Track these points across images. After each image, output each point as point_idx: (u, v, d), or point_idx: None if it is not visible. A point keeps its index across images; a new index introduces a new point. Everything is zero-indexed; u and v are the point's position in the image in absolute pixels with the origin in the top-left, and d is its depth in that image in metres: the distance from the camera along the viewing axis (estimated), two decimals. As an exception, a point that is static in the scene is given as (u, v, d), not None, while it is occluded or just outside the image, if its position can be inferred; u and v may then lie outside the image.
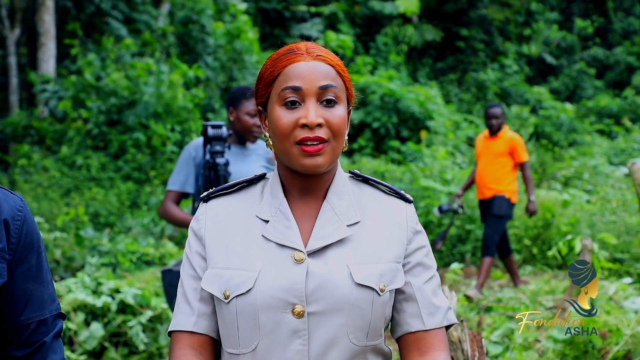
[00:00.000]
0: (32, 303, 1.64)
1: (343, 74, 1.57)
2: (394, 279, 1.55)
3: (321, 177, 1.59)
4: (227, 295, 1.52)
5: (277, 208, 1.58)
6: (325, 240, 1.54)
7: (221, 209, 1.64)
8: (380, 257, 1.55)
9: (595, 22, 22.57)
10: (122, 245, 7.01)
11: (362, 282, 1.50)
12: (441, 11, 20.08)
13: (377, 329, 1.54)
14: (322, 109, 1.52)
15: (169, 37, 13.20)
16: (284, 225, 1.56)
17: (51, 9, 12.12)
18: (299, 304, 1.49)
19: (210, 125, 3.65)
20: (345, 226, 1.56)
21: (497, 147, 6.78)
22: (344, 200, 1.60)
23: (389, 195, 1.66)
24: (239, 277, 1.52)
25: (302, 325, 1.49)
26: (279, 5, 18.43)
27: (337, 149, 1.54)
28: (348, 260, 1.53)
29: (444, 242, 7.17)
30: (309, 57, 1.55)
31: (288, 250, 1.53)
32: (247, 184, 1.67)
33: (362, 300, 1.50)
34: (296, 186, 1.60)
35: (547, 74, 21.51)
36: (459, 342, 2.72)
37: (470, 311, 5.68)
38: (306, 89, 1.52)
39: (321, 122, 1.50)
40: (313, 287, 1.49)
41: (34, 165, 10.48)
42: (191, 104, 10.99)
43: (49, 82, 11.63)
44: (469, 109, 17.46)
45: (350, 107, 1.62)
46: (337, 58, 1.59)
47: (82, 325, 4.85)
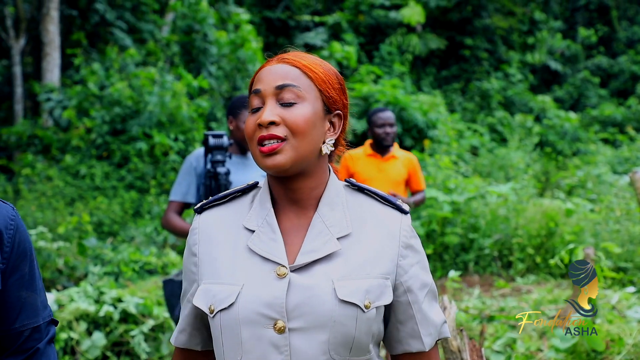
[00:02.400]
0: (26, 310, 1.67)
1: (312, 75, 1.55)
2: (381, 296, 1.52)
3: (307, 183, 1.57)
4: (212, 309, 1.52)
5: (263, 218, 1.57)
6: (313, 255, 1.52)
7: (213, 220, 1.63)
8: (369, 272, 1.52)
9: (599, 30, 22.57)
10: (124, 254, 7.01)
11: (346, 299, 1.47)
12: (445, 20, 20.12)
13: (361, 346, 1.51)
14: (279, 108, 1.52)
15: (172, 46, 13.25)
16: (270, 238, 1.54)
17: (56, 19, 12.18)
18: (280, 320, 1.47)
19: (211, 135, 3.68)
20: (335, 239, 1.53)
21: (393, 171, 5.02)
22: (336, 212, 1.58)
23: (384, 205, 1.63)
24: (224, 291, 1.52)
25: (283, 341, 1.47)
26: (283, 14, 18.49)
27: (301, 147, 1.51)
28: (334, 275, 1.50)
29: None
30: (275, 61, 1.57)
31: (271, 265, 1.51)
32: (240, 193, 1.66)
33: (346, 316, 1.47)
34: (283, 194, 1.59)
35: (551, 83, 21.51)
36: (459, 352, 2.72)
37: (473, 320, 5.67)
38: (264, 90, 1.54)
39: (275, 120, 1.50)
40: (295, 302, 1.48)
41: (38, 174, 10.51)
42: (195, 114, 11.02)
43: (53, 92, 11.68)
44: (473, 118, 17.46)
45: (336, 112, 1.60)
46: (313, 61, 1.58)
47: (84, 335, 4.86)
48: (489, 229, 8.32)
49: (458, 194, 8.68)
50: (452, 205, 8.43)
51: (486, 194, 9.04)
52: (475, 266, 8.10)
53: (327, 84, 1.57)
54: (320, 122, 1.55)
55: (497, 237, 8.08)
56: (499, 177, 12.00)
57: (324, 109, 1.57)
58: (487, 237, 8.24)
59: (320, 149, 1.56)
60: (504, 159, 12.85)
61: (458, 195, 8.59)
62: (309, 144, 1.52)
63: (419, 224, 8.38)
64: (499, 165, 12.67)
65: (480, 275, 7.89)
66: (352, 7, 18.85)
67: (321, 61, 1.60)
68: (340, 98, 1.61)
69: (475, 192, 8.84)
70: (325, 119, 1.58)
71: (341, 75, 1.65)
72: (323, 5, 20.08)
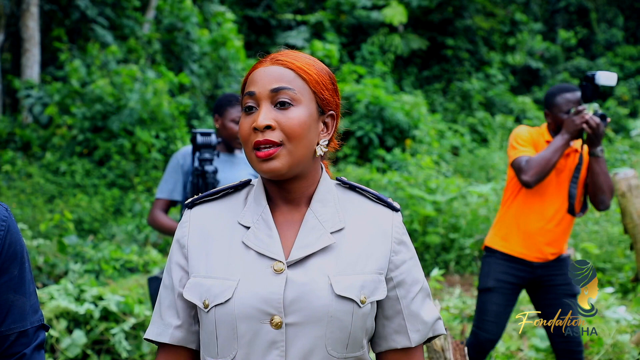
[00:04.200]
0: (13, 314, 1.62)
1: (306, 77, 1.55)
2: (375, 291, 1.54)
3: (302, 183, 1.58)
4: (206, 304, 1.52)
5: (259, 215, 1.57)
6: (307, 250, 1.52)
7: (205, 215, 1.63)
8: (362, 268, 1.54)
9: (578, 33, 22.76)
10: (105, 252, 6.97)
11: (342, 294, 1.49)
12: (427, 20, 20.19)
13: (357, 341, 1.53)
14: (275, 111, 1.51)
15: (154, 43, 13.18)
16: (266, 234, 1.54)
17: (35, 15, 12.07)
18: (277, 315, 1.48)
19: (200, 133, 3.67)
20: (329, 234, 1.55)
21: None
22: (329, 208, 1.58)
23: (375, 203, 1.64)
24: (219, 286, 1.52)
25: (279, 336, 1.48)
26: (265, 13, 18.46)
27: (297, 152, 1.51)
28: (329, 270, 1.51)
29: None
30: (268, 62, 1.56)
31: (268, 260, 1.52)
32: (232, 190, 1.66)
33: (342, 312, 1.49)
34: (278, 193, 1.59)
35: (531, 84, 21.66)
36: (442, 351, 2.73)
37: (454, 320, 5.70)
38: (259, 93, 1.53)
39: (271, 124, 1.49)
40: (292, 298, 1.48)
41: (18, 171, 10.41)
42: (176, 112, 10.97)
43: (33, 88, 11.57)
44: (454, 118, 17.54)
45: (330, 112, 1.61)
46: (306, 62, 1.57)
47: (64, 333, 4.83)
48: (469, 229, 8.37)
49: (440, 194, 8.73)
50: (433, 205, 8.47)
51: (467, 194, 9.09)
52: (456, 266, 8.15)
53: (321, 85, 1.57)
54: (315, 124, 1.56)
55: (478, 237, 8.13)
56: (479, 178, 12.06)
57: (318, 110, 1.57)
58: (468, 237, 8.29)
59: (315, 151, 1.57)
60: (484, 159, 12.93)
61: (440, 195, 8.63)
62: (304, 148, 1.53)
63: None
64: (479, 166, 12.74)
65: (460, 275, 7.94)
66: (334, 6, 18.85)
67: (314, 61, 1.60)
68: (334, 98, 1.62)
69: (456, 192, 8.89)
70: (319, 120, 1.58)
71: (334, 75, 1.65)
72: (305, 4, 20.07)
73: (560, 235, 3.75)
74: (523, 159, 3.64)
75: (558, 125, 3.71)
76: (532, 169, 3.58)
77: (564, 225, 3.75)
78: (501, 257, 3.78)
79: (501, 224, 3.85)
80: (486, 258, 3.86)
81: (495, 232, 3.85)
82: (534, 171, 3.57)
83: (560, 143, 3.60)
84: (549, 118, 3.76)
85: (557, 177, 3.73)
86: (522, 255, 3.74)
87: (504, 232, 3.80)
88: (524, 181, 3.61)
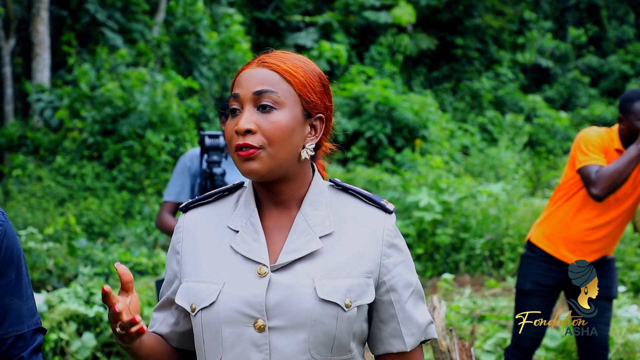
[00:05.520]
0: (10, 317, 1.63)
1: (292, 80, 1.53)
2: (362, 295, 1.52)
3: (289, 186, 1.57)
4: (193, 308, 1.53)
5: (247, 219, 1.57)
6: (294, 255, 1.52)
7: (198, 219, 1.64)
8: (350, 271, 1.52)
9: (589, 30, 22.65)
10: (115, 254, 6.99)
11: (326, 298, 1.48)
12: (436, 20, 20.15)
13: (343, 345, 1.51)
14: (257, 114, 1.51)
15: (163, 47, 13.22)
16: (252, 238, 1.54)
17: (46, 19, 12.13)
18: (260, 318, 1.48)
19: (208, 135, 3.67)
20: (318, 238, 1.54)
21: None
22: (319, 211, 1.58)
23: (368, 205, 1.62)
24: (205, 289, 1.52)
25: (263, 339, 1.48)
26: (274, 15, 18.47)
27: (278, 155, 1.51)
28: (315, 274, 1.50)
29: None
30: (255, 65, 1.56)
31: (253, 264, 1.52)
32: (226, 193, 1.67)
33: (326, 315, 1.48)
34: (267, 196, 1.59)
35: (542, 83, 21.58)
36: (448, 352, 2.72)
37: (464, 320, 5.68)
38: (242, 96, 1.53)
39: (251, 128, 1.49)
40: (275, 301, 1.48)
41: (29, 175, 10.47)
42: (185, 114, 11.00)
43: (45, 92, 11.63)
44: (464, 118, 17.49)
45: (318, 115, 1.58)
46: (293, 64, 1.56)
47: (74, 336, 4.85)
48: (479, 229, 8.34)
49: (449, 194, 8.70)
50: (443, 205, 8.44)
51: (477, 193, 9.06)
52: (466, 266, 8.12)
53: (308, 87, 1.55)
54: (300, 127, 1.54)
55: (488, 237, 8.10)
56: (489, 177, 12.02)
57: (304, 114, 1.55)
58: (478, 237, 8.26)
59: (300, 154, 1.56)
60: (494, 158, 12.88)
61: (449, 196, 8.61)
62: (286, 151, 1.52)
63: (410, 224, 8.39)
64: (489, 165, 12.70)
65: (471, 275, 7.91)
66: (343, 7, 18.85)
67: (304, 62, 1.58)
68: (322, 101, 1.59)
69: (466, 192, 8.85)
70: (306, 124, 1.56)
71: (326, 75, 1.63)
72: (313, 5, 20.07)
73: (609, 243, 3.57)
74: (593, 169, 3.36)
75: (632, 133, 3.40)
76: (602, 182, 3.31)
77: (616, 233, 3.57)
78: (542, 257, 3.60)
79: (548, 222, 3.64)
80: (527, 257, 3.68)
81: (541, 230, 3.64)
82: (605, 185, 3.30)
83: (635, 153, 3.31)
84: (623, 124, 3.45)
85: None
86: (564, 258, 3.55)
87: (550, 232, 3.60)
88: (593, 194, 3.36)
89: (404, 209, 8.77)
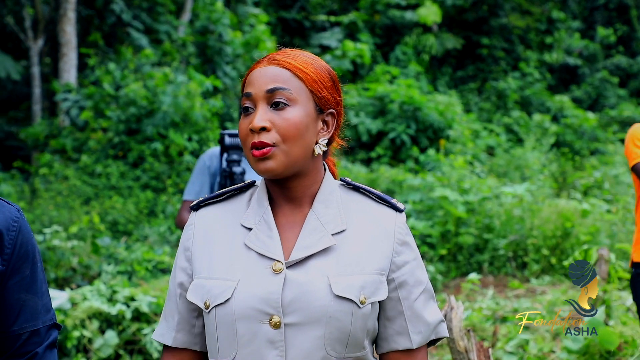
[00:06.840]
0: (25, 313, 1.65)
1: (303, 76, 1.55)
2: (376, 291, 1.53)
3: (302, 182, 1.58)
4: (207, 304, 1.53)
5: (261, 216, 1.58)
6: (307, 251, 1.52)
7: (209, 217, 1.64)
8: (363, 268, 1.53)
9: (618, 30, 22.37)
10: (138, 253, 7.04)
11: (341, 294, 1.48)
12: (462, 20, 20.05)
13: (357, 341, 1.52)
14: (271, 112, 1.52)
15: (188, 46, 13.30)
16: (266, 235, 1.55)
17: (73, 19, 12.26)
18: (275, 315, 1.48)
19: (227, 134, 3.66)
20: (330, 235, 1.54)
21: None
22: (331, 209, 1.58)
23: (379, 204, 1.63)
24: (219, 286, 1.52)
25: (278, 336, 1.48)
26: (299, 15, 18.50)
27: (293, 152, 1.51)
28: (329, 270, 1.51)
29: None
30: (265, 63, 1.57)
31: (267, 261, 1.52)
32: (237, 191, 1.67)
33: (341, 312, 1.48)
34: (279, 193, 1.60)
35: (569, 83, 21.36)
36: (466, 352, 2.70)
37: (486, 321, 5.64)
38: (255, 94, 1.53)
39: (266, 126, 1.50)
40: (291, 298, 1.49)
41: (55, 174, 10.59)
42: (209, 114, 11.05)
43: (72, 92, 11.76)
44: (489, 118, 17.37)
45: (329, 110, 1.59)
46: (304, 61, 1.57)
47: (97, 333, 4.88)
48: (503, 230, 8.28)
49: (473, 194, 8.64)
50: (466, 206, 8.39)
51: (500, 194, 8.99)
52: (490, 267, 8.06)
53: (319, 83, 1.57)
54: (313, 123, 1.55)
55: (512, 237, 8.03)
56: (515, 178, 11.93)
57: (316, 110, 1.56)
58: (502, 237, 8.20)
59: (313, 150, 1.57)
60: (520, 159, 12.77)
61: (472, 196, 8.55)
62: (300, 147, 1.53)
63: (434, 224, 8.35)
64: (515, 166, 12.60)
65: (494, 276, 7.85)
66: (368, 6, 18.82)
67: (313, 59, 1.60)
68: (333, 96, 1.60)
69: (489, 192, 8.79)
70: (318, 119, 1.57)
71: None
72: (339, 5, 20.06)
73: None
74: None
75: None
76: None
77: None
78: None
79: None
80: (637, 277, 3.48)
81: (639, 247, 3.45)
82: None
83: None
84: None
85: None
86: None
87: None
88: None
89: (426, 209, 8.73)
